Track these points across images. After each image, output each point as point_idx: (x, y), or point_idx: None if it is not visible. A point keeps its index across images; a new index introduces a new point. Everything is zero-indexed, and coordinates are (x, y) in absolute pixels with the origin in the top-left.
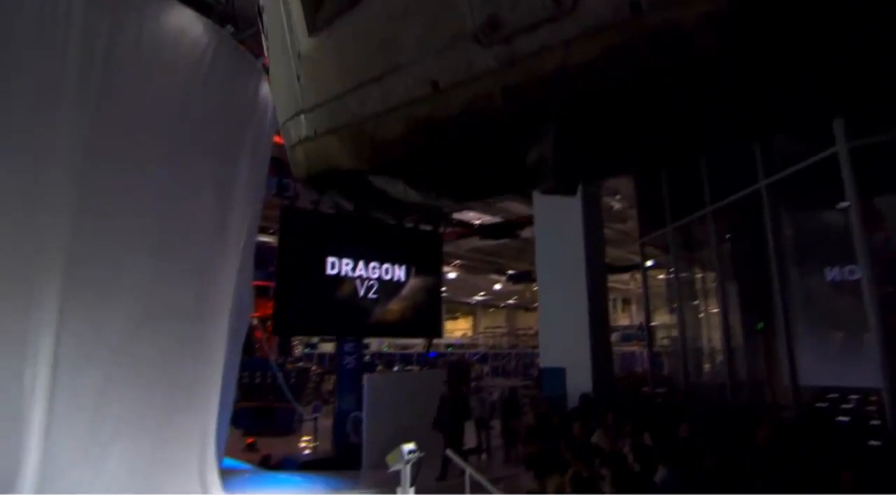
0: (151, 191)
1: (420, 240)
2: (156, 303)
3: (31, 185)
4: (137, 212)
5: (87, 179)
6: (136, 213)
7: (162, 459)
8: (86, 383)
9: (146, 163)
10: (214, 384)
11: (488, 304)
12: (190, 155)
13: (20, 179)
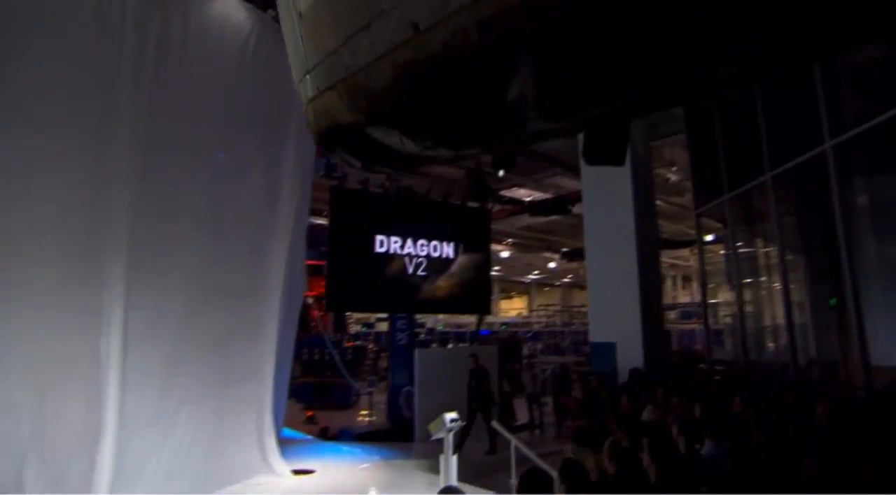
0: (205, 175)
1: (468, 217)
2: (212, 281)
3: (97, 172)
4: (192, 195)
5: (146, 165)
6: (191, 196)
7: (223, 426)
8: (153, 354)
9: (199, 148)
10: (269, 356)
11: (543, 283)
12: (239, 139)
13: (87, 167)
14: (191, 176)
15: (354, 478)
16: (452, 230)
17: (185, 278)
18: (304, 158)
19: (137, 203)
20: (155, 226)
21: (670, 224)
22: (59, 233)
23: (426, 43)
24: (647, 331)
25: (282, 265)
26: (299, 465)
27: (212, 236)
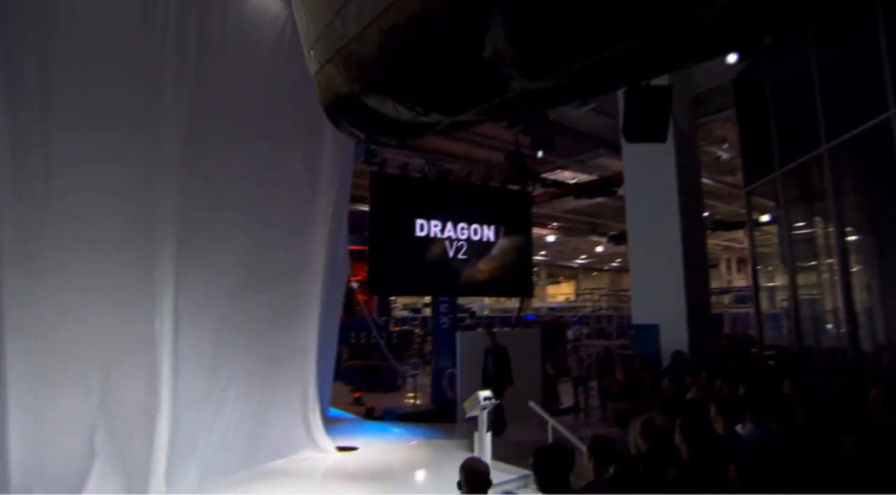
0: (247, 163)
1: (509, 199)
2: (256, 266)
3: (146, 163)
4: (236, 183)
5: (191, 155)
6: (234, 184)
7: (269, 403)
8: (203, 334)
9: (240, 138)
10: (311, 337)
11: (591, 268)
12: (278, 127)
13: (137, 159)
14: (234, 164)
15: (396, 455)
16: (493, 213)
17: (231, 262)
18: (342, 145)
19: (184, 191)
20: (201, 213)
21: (722, 204)
22: (114, 220)
23: (405, 5)
24: (692, 313)
25: (322, 249)
26: (344, 443)
27: (254, 222)
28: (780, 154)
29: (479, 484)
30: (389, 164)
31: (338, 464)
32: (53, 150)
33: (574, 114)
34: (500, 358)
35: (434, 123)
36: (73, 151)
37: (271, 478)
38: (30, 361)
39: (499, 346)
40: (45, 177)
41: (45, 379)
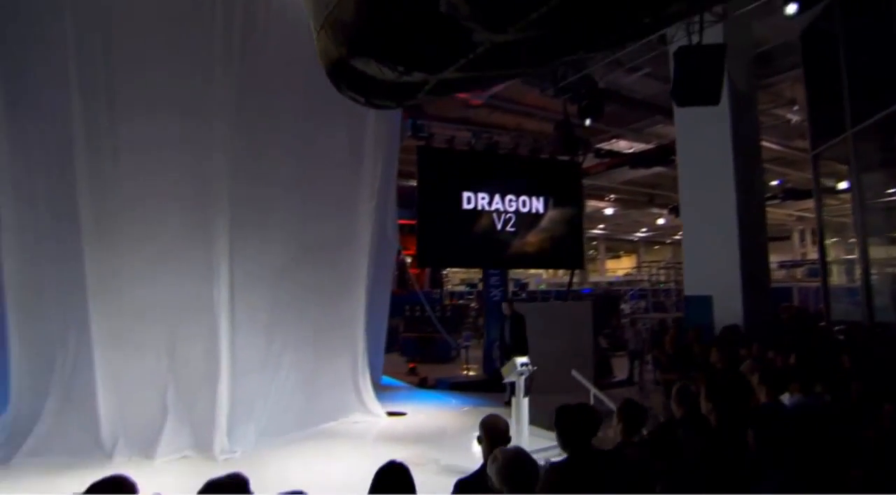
0: (293, 141)
1: (558, 170)
2: (305, 238)
3: (200, 144)
4: (284, 159)
5: (241, 134)
6: (282, 160)
7: (321, 369)
8: (257, 303)
9: (287, 115)
10: (360, 306)
11: (653, 241)
12: (322, 104)
13: (191, 140)
14: (280, 143)
15: (443, 420)
16: (541, 184)
17: (280, 236)
18: (387, 121)
19: (235, 170)
20: (251, 189)
21: (795, 172)
22: (173, 199)
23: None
24: (747, 285)
25: (368, 223)
26: (395, 408)
27: (301, 198)
28: (852, 113)
29: (498, 439)
30: (437, 138)
31: (387, 428)
32: (120, 136)
33: (626, 80)
34: (517, 326)
35: (420, 83)
36: (136, 136)
37: (324, 439)
38: (111, 325)
39: (516, 314)
40: (114, 160)
41: (123, 341)
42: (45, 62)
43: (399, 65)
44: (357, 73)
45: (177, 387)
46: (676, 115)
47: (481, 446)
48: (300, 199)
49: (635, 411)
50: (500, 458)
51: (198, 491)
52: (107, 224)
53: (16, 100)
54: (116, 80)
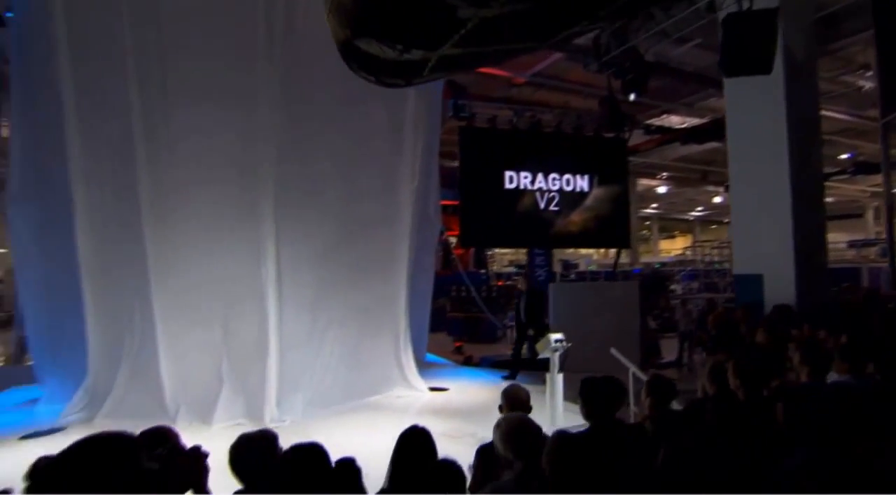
0: (335, 125)
1: (603, 147)
2: (348, 218)
3: (245, 128)
4: (325, 142)
5: (285, 117)
6: (324, 142)
7: (365, 345)
8: (304, 281)
9: (328, 98)
10: (402, 285)
11: (709, 220)
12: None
13: (237, 126)
14: (323, 126)
15: (482, 396)
16: (586, 162)
17: (324, 216)
18: (427, 102)
19: (279, 154)
20: (296, 171)
21: (867, 143)
22: (223, 182)
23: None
24: (801, 264)
25: (409, 204)
26: (437, 384)
27: (343, 180)
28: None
29: (518, 408)
30: (479, 118)
31: (429, 402)
32: (173, 124)
33: (676, 52)
34: (534, 301)
35: (422, 60)
36: (187, 124)
37: (367, 411)
38: (170, 301)
39: (533, 289)
40: (169, 147)
41: (181, 316)
42: (107, 57)
43: (397, 43)
44: (362, 53)
45: (230, 360)
46: (726, 85)
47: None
48: (342, 182)
49: (663, 386)
50: (504, 425)
51: (231, 444)
52: (164, 207)
53: (83, 93)
54: (169, 71)
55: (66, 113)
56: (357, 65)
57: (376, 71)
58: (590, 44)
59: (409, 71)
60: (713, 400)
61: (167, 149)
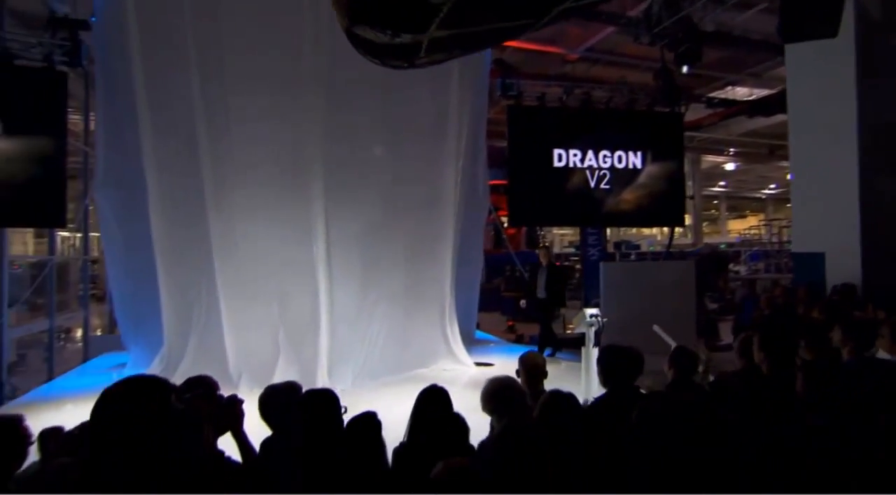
0: (381, 106)
1: (657, 123)
2: (394, 198)
3: (295, 114)
4: (370, 126)
5: (332, 101)
6: (369, 127)
7: (411, 320)
8: (352, 259)
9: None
10: (446, 264)
11: (783, 198)
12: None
13: (287, 112)
14: (368, 109)
15: None
16: (639, 139)
17: (370, 196)
18: (472, 82)
19: (326, 139)
20: (342, 153)
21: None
22: (275, 166)
23: None
24: (867, 242)
25: (456, 183)
26: (484, 360)
27: (389, 160)
28: None
29: (534, 374)
30: (528, 96)
31: (475, 376)
32: (231, 110)
33: (740, 18)
34: (555, 277)
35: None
36: (243, 110)
37: (414, 382)
38: (231, 278)
39: (554, 265)
40: (227, 132)
41: (241, 291)
42: (172, 50)
43: (387, 28)
44: (359, 39)
45: (286, 332)
46: (788, 53)
47: (520, 380)
48: (387, 163)
49: (686, 358)
50: (488, 385)
51: (260, 394)
52: (224, 190)
53: (152, 85)
54: (226, 61)
55: (138, 104)
56: (363, 50)
57: (379, 54)
58: (641, 15)
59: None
60: (739, 373)
61: (226, 135)
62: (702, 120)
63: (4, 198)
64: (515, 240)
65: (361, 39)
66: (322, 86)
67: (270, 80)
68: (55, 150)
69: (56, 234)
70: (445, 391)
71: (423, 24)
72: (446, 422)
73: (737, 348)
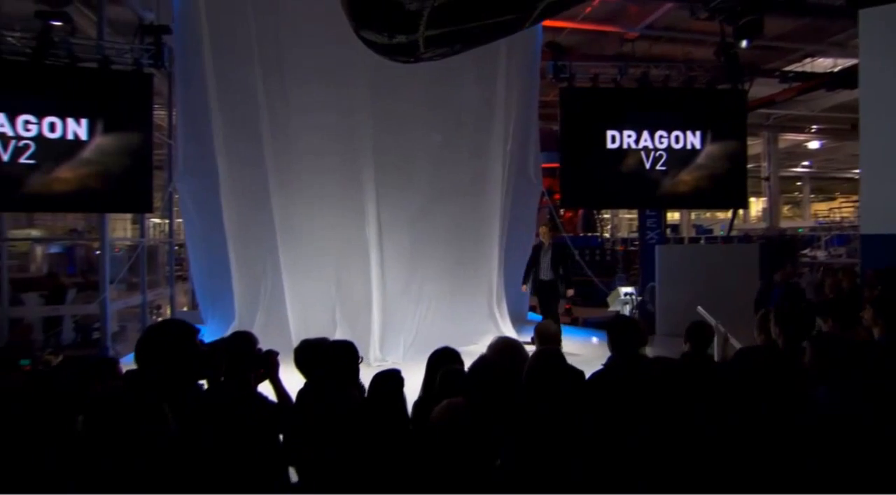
0: (429, 93)
1: (718, 101)
2: (441, 181)
3: (345, 105)
4: (418, 112)
5: (380, 92)
6: (418, 111)
7: (458, 298)
8: (401, 239)
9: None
10: (493, 246)
11: None
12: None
13: (338, 102)
14: (416, 96)
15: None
16: (698, 118)
17: (418, 180)
18: (521, 65)
19: (377, 125)
20: (391, 139)
21: None
22: (330, 153)
23: None
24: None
25: (504, 166)
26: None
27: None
28: None
29: (547, 341)
30: (581, 78)
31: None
32: (290, 101)
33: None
34: (560, 256)
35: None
36: (301, 100)
37: (464, 357)
38: (293, 258)
39: (558, 244)
40: (287, 122)
41: (302, 270)
42: (237, 46)
43: (385, 31)
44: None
45: (342, 308)
46: (861, 19)
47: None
48: (434, 148)
49: (701, 332)
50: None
51: (294, 348)
52: (285, 177)
53: (221, 79)
54: (285, 55)
55: (210, 99)
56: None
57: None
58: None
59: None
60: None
61: (286, 125)
62: (776, 96)
63: (104, 188)
64: (572, 225)
65: (368, 41)
66: (371, 76)
67: (325, 72)
68: (143, 144)
69: (147, 220)
70: (453, 351)
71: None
72: (455, 377)
73: (756, 325)
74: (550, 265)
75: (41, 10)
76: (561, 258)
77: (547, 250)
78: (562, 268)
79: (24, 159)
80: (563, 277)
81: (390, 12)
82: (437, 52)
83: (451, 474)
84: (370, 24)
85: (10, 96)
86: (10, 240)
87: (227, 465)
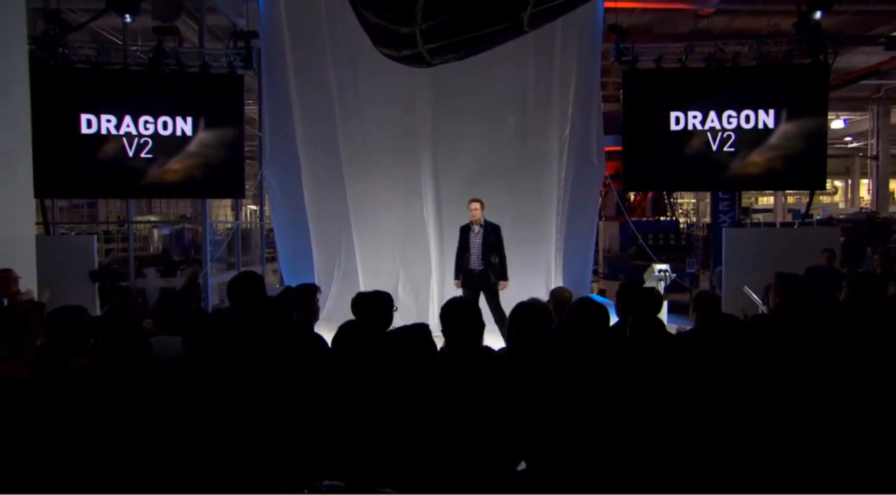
0: (485, 81)
1: (795, 76)
2: (496, 165)
3: (406, 95)
4: (474, 99)
5: (438, 84)
6: (473, 100)
7: (514, 277)
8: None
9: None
10: (549, 226)
11: None
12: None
13: (400, 93)
14: (471, 84)
15: None
16: (771, 95)
17: (474, 163)
18: (580, 51)
19: (435, 114)
20: (448, 127)
21: None
22: (395, 136)
23: None
24: None
25: (561, 149)
26: None
27: (491, 129)
28: None
29: (561, 306)
30: (645, 59)
31: None
32: (360, 93)
33: None
34: (493, 241)
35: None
36: (369, 92)
37: None
38: (364, 235)
39: (489, 224)
40: (358, 113)
41: (371, 246)
42: (313, 42)
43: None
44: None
45: (405, 281)
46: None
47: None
48: (490, 134)
49: (709, 302)
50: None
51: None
52: (356, 164)
53: (299, 74)
54: (354, 48)
55: (291, 93)
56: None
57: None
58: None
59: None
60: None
61: (357, 115)
62: (882, 64)
63: (204, 177)
64: (641, 208)
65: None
66: (429, 70)
67: (386, 66)
68: (236, 137)
69: (242, 206)
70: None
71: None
72: (469, 324)
73: (762, 296)
74: (481, 252)
75: (157, 25)
76: (493, 243)
77: (478, 234)
78: (495, 255)
79: (145, 154)
80: (495, 266)
81: (390, 35)
82: (444, 59)
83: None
84: (380, 42)
85: (134, 101)
86: (135, 223)
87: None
